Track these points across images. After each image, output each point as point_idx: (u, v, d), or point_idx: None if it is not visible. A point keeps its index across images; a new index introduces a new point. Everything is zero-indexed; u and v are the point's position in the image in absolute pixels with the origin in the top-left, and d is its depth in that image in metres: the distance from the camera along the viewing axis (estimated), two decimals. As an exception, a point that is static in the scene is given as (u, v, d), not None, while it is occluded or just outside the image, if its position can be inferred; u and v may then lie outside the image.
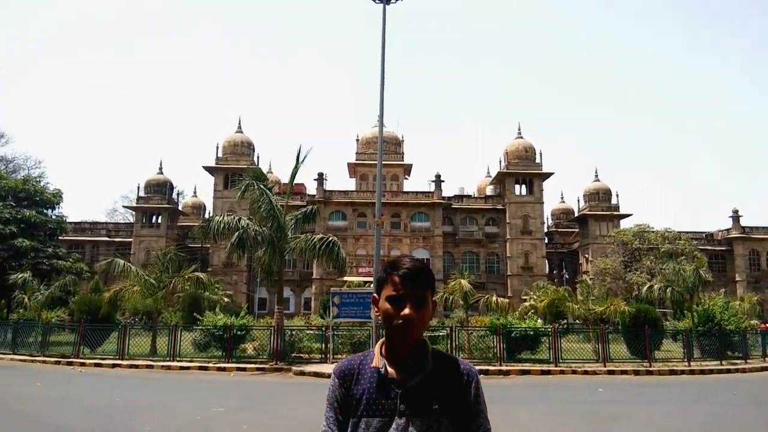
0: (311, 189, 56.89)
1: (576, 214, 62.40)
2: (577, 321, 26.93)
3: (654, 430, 9.08)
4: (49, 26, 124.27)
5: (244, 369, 16.74)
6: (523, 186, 58.04)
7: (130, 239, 58.18)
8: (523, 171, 57.18)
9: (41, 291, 22.62)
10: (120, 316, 25.58)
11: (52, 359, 18.43)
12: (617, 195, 59.31)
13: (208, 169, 57.11)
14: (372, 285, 18.46)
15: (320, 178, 55.56)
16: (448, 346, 17.79)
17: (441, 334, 18.99)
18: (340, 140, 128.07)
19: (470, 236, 57.91)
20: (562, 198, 72.07)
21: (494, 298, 20.88)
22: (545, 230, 61.11)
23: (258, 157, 59.11)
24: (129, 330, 19.15)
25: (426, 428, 1.58)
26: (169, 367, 17.29)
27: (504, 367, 16.94)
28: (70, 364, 17.86)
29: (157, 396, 12.55)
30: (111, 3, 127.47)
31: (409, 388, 1.61)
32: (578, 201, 61.76)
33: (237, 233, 17.25)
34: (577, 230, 63.06)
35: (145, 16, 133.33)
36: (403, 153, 60.81)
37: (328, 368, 16.11)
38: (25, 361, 18.56)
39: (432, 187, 57.32)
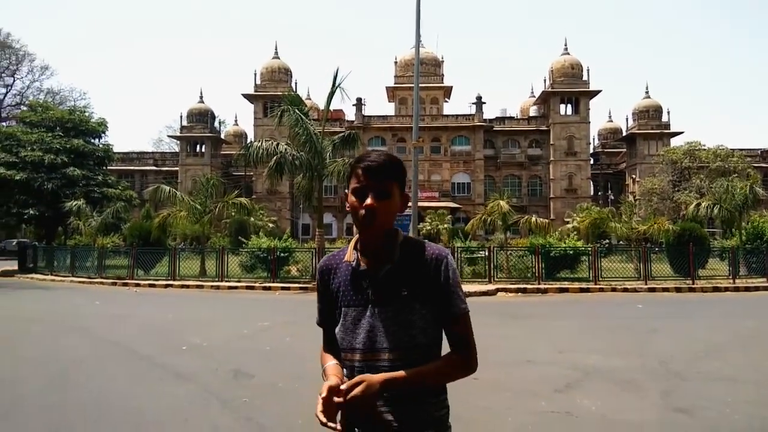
0: (350, 115, 56.49)
1: (624, 134, 60.20)
2: (621, 242, 26.63)
3: (691, 341, 9.08)
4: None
5: (288, 288, 17.41)
6: (569, 105, 56.06)
7: (177, 168, 59.65)
8: (568, 89, 55.05)
9: (94, 218, 23.71)
10: (171, 242, 26.69)
11: (109, 281, 19.57)
12: (668, 112, 56.75)
13: (247, 96, 57.17)
14: (410, 209, 18.57)
15: (359, 104, 54.94)
16: (487, 266, 17.96)
17: (480, 255, 19.13)
18: (380, 64, 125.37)
19: (512, 159, 56.92)
20: (609, 117, 69.41)
21: (533, 219, 20.74)
22: (591, 151, 59.44)
23: (296, 83, 58.67)
24: (179, 253, 20.04)
25: (397, 314, 1.63)
26: (217, 287, 18.13)
27: (542, 286, 17.07)
28: (125, 285, 18.94)
29: (207, 313, 13.23)
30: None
31: (377, 277, 1.66)
32: (626, 120, 59.42)
33: (275, 158, 17.45)
34: (624, 150, 61.06)
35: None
36: (442, 75, 59.18)
37: (368, 287, 16.58)
38: (83, 282, 19.78)
39: (473, 110, 56.04)
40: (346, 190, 1.73)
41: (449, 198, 52.55)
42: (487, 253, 18.39)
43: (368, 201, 1.62)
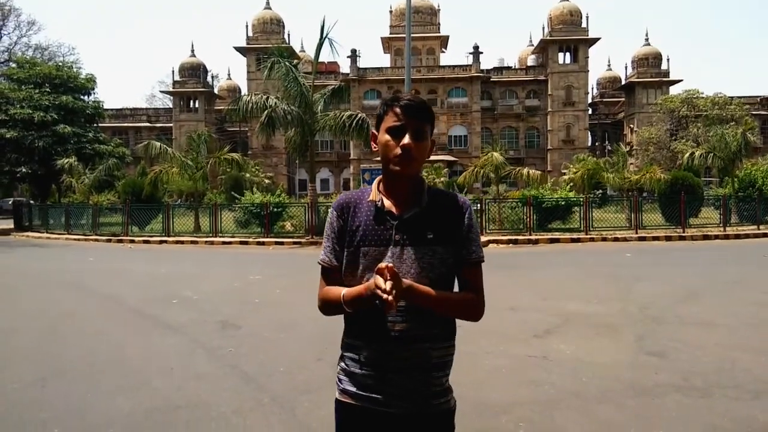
0: (345, 67, 55.56)
1: (623, 82, 59.43)
2: (615, 192, 26.71)
3: (673, 288, 9.24)
4: None
5: (282, 243, 17.54)
6: (567, 54, 55.15)
7: (171, 124, 59.08)
8: (567, 37, 54.05)
9: (87, 175, 23.66)
10: (168, 198, 26.70)
11: (103, 238, 19.72)
12: (668, 60, 55.95)
13: (239, 49, 56.14)
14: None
15: (353, 56, 53.95)
16: (480, 218, 18.05)
17: (473, 208, 19.12)
18: (376, 14, 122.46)
19: (510, 110, 56.38)
20: (608, 65, 68.43)
21: (526, 171, 20.72)
22: (589, 101, 58.84)
23: (288, 35, 57.58)
24: (172, 209, 20.12)
25: (421, 256, 1.64)
26: (212, 243, 18.27)
27: (533, 237, 17.22)
28: (120, 242, 19.09)
29: (200, 268, 13.38)
30: None
31: (404, 219, 1.66)
32: (626, 68, 58.59)
33: (266, 112, 17.27)
34: (623, 99, 60.43)
35: None
36: (439, 24, 57.99)
37: (360, 240, 16.70)
38: (78, 240, 19.93)
39: (470, 60, 55.11)
40: (374, 130, 1.73)
41: (446, 151, 52.28)
42: (479, 206, 18.45)
43: (406, 140, 1.61)
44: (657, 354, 5.53)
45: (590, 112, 59.07)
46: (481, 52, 54.39)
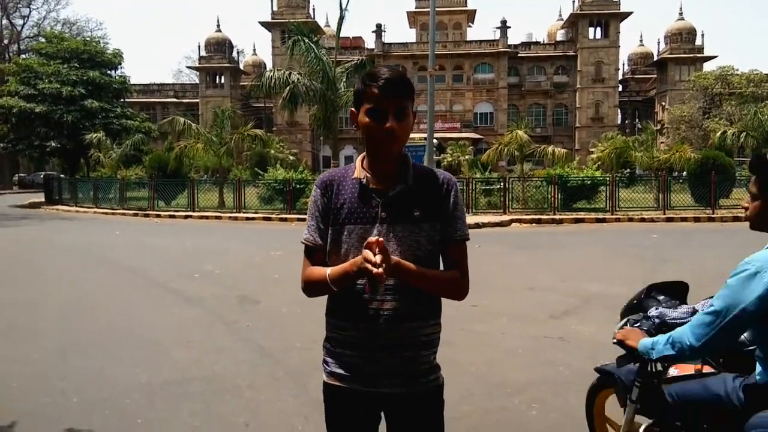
0: (370, 43, 55.05)
1: (655, 58, 57.73)
2: (645, 172, 26.14)
3: (699, 270, 9.02)
4: None
5: (303, 220, 17.40)
6: (598, 29, 53.74)
7: (197, 100, 59.42)
8: (598, 11, 52.59)
9: (114, 150, 24.02)
10: (195, 174, 26.99)
11: (131, 212, 20.07)
12: (702, 35, 54.11)
13: (264, 24, 55.95)
14: (425, 139, 18.29)
15: (378, 30, 53.37)
16: (503, 197, 17.88)
17: (496, 186, 18.88)
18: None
19: (537, 87, 55.36)
20: (641, 41, 66.29)
21: (551, 149, 20.38)
22: (620, 77, 57.43)
23: (313, 10, 57.14)
24: (197, 185, 20.36)
25: (408, 233, 1.62)
26: (235, 218, 18.46)
27: (557, 216, 17.00)
28: (146, 216, 19.43)
29: (223, 243, 13.53)
30: None
31: (390, 196, 1.63)
32: (658, 43, 56.83)
33: (288, 88, 17.24)
34: (654, 76, 58.78)
35: None
36: (466, -3, 56.83)
37: (381, 217, 16.70)
38: (106, 214, 20.32)
39: (497, 35, 54.10)
40: (352, 108, 1.67)
41: (471, 128, 51.72)
42: (502, 184, 18.24)
43: (389, 123, 1.56)
44: (677, 336, 5.43)
45: (620, 89, 57.67)
46: (509, 27, 53.40)
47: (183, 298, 7.27)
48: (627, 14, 52.78)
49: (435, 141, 38.59)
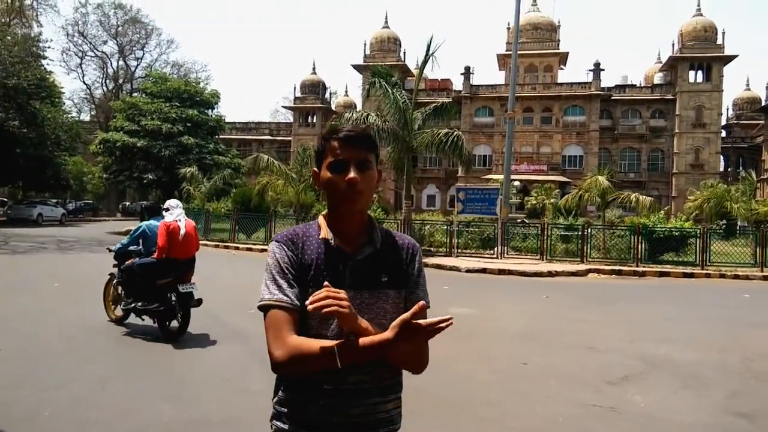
0: (458, 85, 55.41)
1: (763, 103, 53.95)
2: (747, 224, 24.17)
3: (792, 340, 8.07)
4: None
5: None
6: (699, 72, 51.10)
7: (290, 138, 62.03)
8: (700, 54, 50.05)
9: (204, 183, 25.39)
10: (281, 209, 27.99)
11: (212, 243, 20.96)
12: (818, 79, 49.93)
13: (356, 67, 57.84)
14: (502, 183, 17.97)
15: (467, 72, 53.64)
16: (580, 245, 17.04)
17: (573, 233, 17.95)
18: (491, 31, 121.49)
19: (632, 131, 53.10)
20: (747, 84, 62.46)
21: (634, 196, 19.25)
22: (723, 123, 54.05)
23: (404, 53, 58.44)
24: (274, 219, 21.01)
25: (375, 300, 1.54)
26: (309, 254, 18.74)
27: (640, 268, 15.91)
28: (226, 248, 20.20)
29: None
30: None
31: (358, 261, 1.54)
32: (767, 88, 53.11)
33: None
34: (762, 122, 54.84)
35: None
36: (558, 40, 56.14)
37: (450, 261, 16.38)
38: (191, 244, 21.29)
39: (590, 78, 52.78)
40: (314, 169, 1.61)
41: (558, 171, 50.26)
42: (579, 231, 17.39)
43: (351, 174, 1.49)
44: (746, 416, 4.80)
45: (723, 134, 54.22)
46: (603, 69, 51.93)
47: (230, 332, 7.39)
48: (731, 57, 49.93)
49: (518, 183, 38.00)
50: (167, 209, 7.25)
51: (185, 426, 4.27)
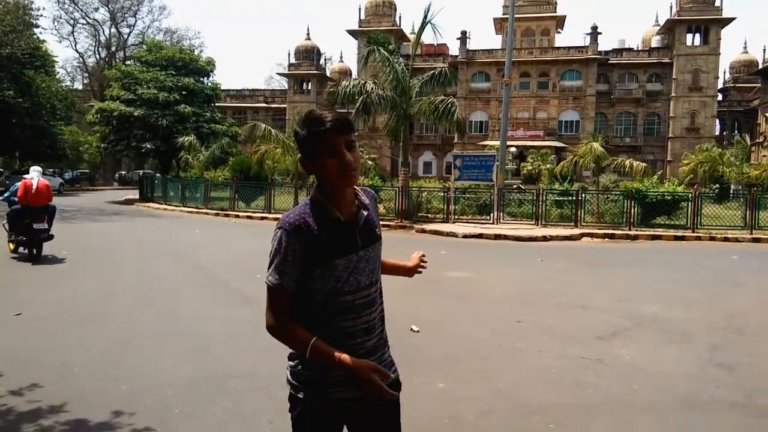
0: (454, 49, 54.89)
1: (760, 66, 53.67)
2: (740, 188, 24.50)
3: (773, 298, 8.47)
4: None
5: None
6: (697, 35, 50.75)
7: (285, 105, 61.62)
8: (698, 17, 49.66)
9: (203, 152, 25.49)
10: (278, 177, 28.17)
11: (213, 212, 21.25)
12: (816, 41, 49.66)
13: (351, 32, 57.19)
14: (499, 149, 18.11)
15: (463, 37, 53.10)
16: (575, 210, 17.38)
17: (567, 199, 18.25)
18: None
19: (628, 95, 52.99)
20: (744, 47, 61.94)
21: (628, 162, 19.50)
22: (720, 86, 53.93)
23: (400, 18, 57.81)
24: (274, 188, 21.24)
25: (376, 252, 1.90)
26: (308, 221, 19.03)
27: (632, 232, 16.29)
28: (227, 216, 20.49)
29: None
30: None
31: (361, 225, 1.83)
32: (764, 50, 52.75)
33: (361, 98, 17.63)
34: (759, 86, 54.68)
35: None
36: (555, 3, 55.46)
37: (447, 227, 16.72)
38: (191, 212, 21.62)
39: (587, 41, 52.37)
40: (301, 156, 1.79)
41: (555, 137, 50.32)
42: (573, 197, 17.68)
43: (348, 157, 1.72)
44: (726, 367, 5.17)
45: (720, 98, 54.16)
46: (600, 33, 51.48)
47: (240, 297, 7.70)
48: (729, 20, 49.53)
49: (515, 149, 38.11)
50: (28, 172, 10.52)
51: (205, 381, 4.59)
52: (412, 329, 6.15)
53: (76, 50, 59.04)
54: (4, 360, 4.92)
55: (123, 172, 57.67)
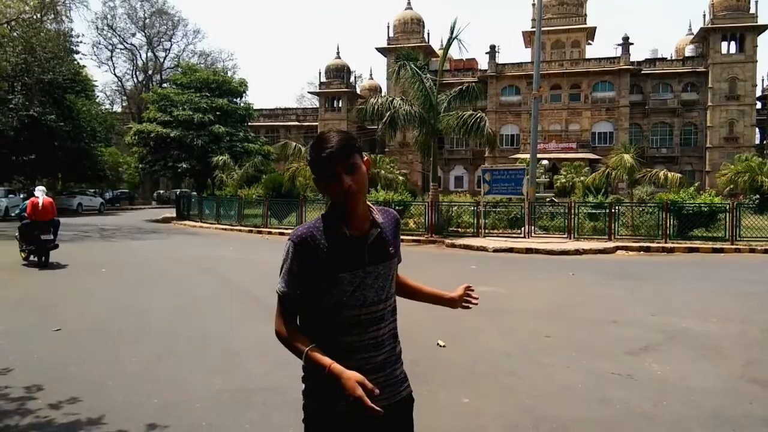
0: (484, 64, 54.90)
1: (801, 73, 52.24)
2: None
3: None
4: None
5: (402, 241, 17.92)
6: (732, 43, 49.72)
7: (317, 123, 62.47)
8: (732, 24, 48.68)
9: (236, 171, 26.03)
10: (311, 193, 28.47)
11: (246, 229, 21.62)
12: None
13: (380, 50, 57.75)
14: (526, 162, 18.03)
15: (492, 51, 53.08)
16: (609, 222, 17.11)
17: (600, 211, 17.95)
18: (516, 8, 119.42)
19: (663, 105, 52.04)
20: (784, 54, 60.37)
21: (662, 173, 19.11)
22: (758, 94, 52.55)
23: (428, 34, 58.15)
24: (305, 204, 21.52)
25: (388, 270, 1.94)
26: (339, 237, 19.20)
27: (668, 245, 15.94)
28: (260, 233, 20.81)
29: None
30: None
31: (371, 241, 1.89)
32: (805, 56, 51.37)
33: (389, 113, 17.80)
34: (800, 92, 53.21)
35: None
36: (585, 15, 55.11)
37: (478, 241, 16.64)
38: (226, 230, 22.06)
39: (618, 52, 51.76)
40: (315, 178, 1.87)
41: (588, 149, 49.66)
42: (607, 210, 17.41)
43: (347, 182, 1.79)
44: (761, 383, 5.04)
45: (759, 106, 52.76)
46: (631, 43, 50.84)
47: (270, 313, 7.74)
48: (765, 27, 48.38)
49: (547, 162, 37.73)
50: (34, 192, 12.12)
51: (234, 394, 4.70)
52: (438, 344, 6.17)
53: (115, 74, 61.57)
54: (45, 374, 5.12)
55: (161, 191, 59.13)
